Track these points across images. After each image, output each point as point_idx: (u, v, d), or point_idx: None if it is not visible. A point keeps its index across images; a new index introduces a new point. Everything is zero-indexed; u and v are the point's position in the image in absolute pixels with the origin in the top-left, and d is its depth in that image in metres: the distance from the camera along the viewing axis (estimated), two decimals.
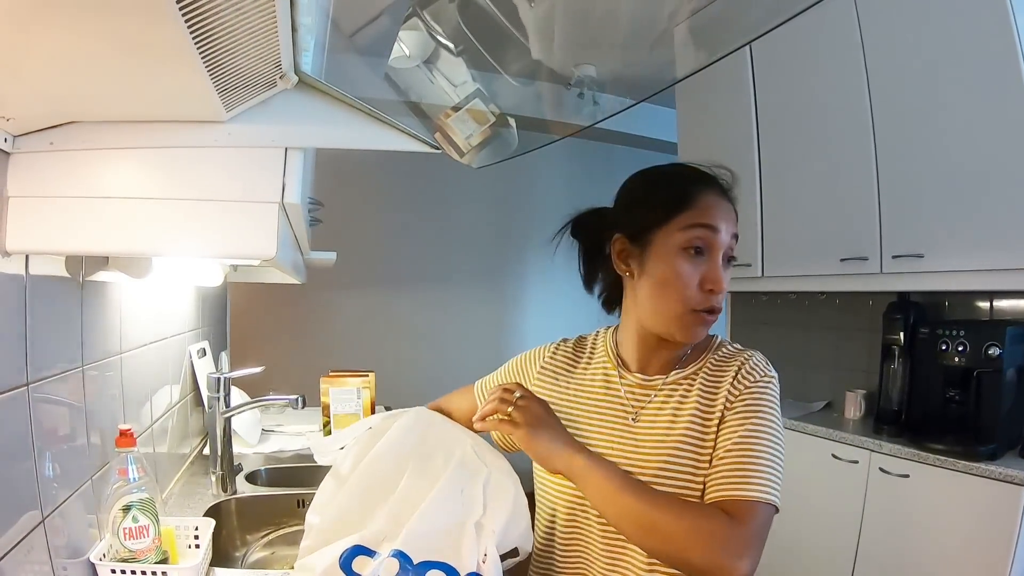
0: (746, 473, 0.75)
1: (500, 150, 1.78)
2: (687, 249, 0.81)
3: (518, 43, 1.32)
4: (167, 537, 0.98)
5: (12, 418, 0.72)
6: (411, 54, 1.74)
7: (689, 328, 0.82)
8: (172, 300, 1.55)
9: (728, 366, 0.85)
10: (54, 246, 0.71)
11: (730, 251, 0.84)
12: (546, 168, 4.04)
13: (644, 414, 0.87)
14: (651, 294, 0.84)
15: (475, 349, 3.97)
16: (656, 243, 0.83)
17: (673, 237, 0.82)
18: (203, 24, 0.48)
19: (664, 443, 0.82)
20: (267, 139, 0.70)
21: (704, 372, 0.86)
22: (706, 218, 0.81)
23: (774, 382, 0.83)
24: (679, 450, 0.81)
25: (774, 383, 0.83)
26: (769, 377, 0.83)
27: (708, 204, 0.82)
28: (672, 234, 0.82)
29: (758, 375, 0.82)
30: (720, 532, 0.71)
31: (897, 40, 1.99)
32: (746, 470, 0.76)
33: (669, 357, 0.88)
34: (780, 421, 0.81)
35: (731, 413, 0.80)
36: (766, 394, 0.81)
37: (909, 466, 1.84)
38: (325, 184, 2.12)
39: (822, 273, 2.24)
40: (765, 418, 0.79)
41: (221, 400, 1.45)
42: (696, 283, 0.81)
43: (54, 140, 0.67)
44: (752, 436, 0.78)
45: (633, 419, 0.87)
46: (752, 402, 0.80)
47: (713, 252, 0.81)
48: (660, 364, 0.89)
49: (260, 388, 2.01)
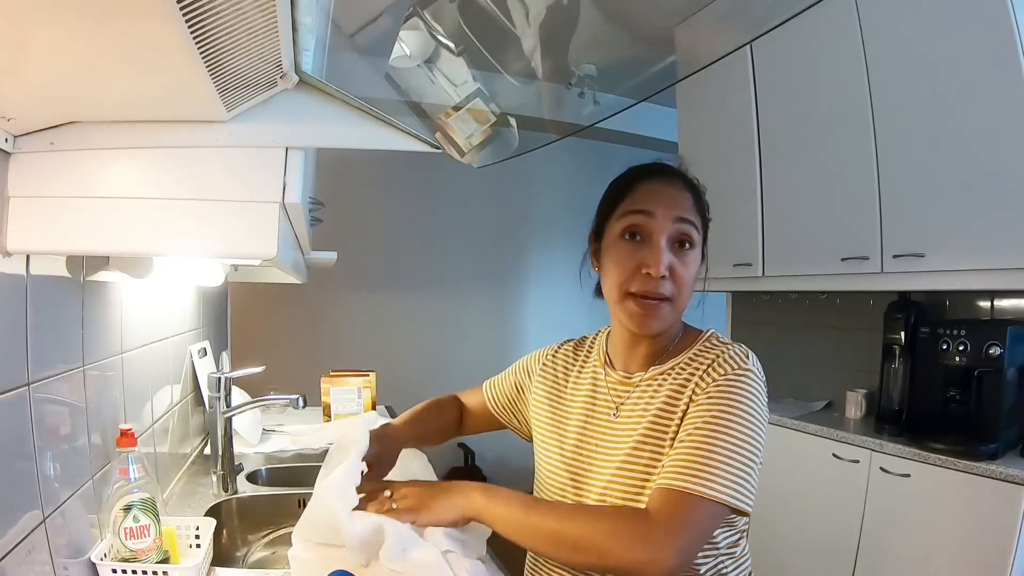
0: (692, 465, 0.73)
1: (501, 150, 1.78)
2: (623, 235, 0.84)
3: (519, 43, 1.32)
4: (168, 537, 0.98)
5: (13, 418, 0.72)
6: (412, 54, 1.74)
7: (633, 315, 0.82)
8: (173, 300, 1.55)
9: (704, 360, 0.83)
10: (55, 246, 0.71)
11: (681, 236, 0.83)
12: (546, 168, 4.03)
13: (623, 409, 0.88)
14: (604, 285, 0.88)
15: (475, 348, 3.97)
16: (605, 236, 0.88)
17: (614, 227, 0.86)
18: (204, 24, 0.48)
19: (641, 435, 0.83)
20: (268, 139, 0.70)
21: (680, 366, 0.85)
22: (639, 204, 0.83)
23: (750, 375, 0.79)
24: (640, 443, 0.82)
25: (750, 376, 0.79)
26: (743, 370, 0.79)
27: (644, 191, 0.85)
28: (613, 225, 0.86)
29: (731, 367, 0.79)
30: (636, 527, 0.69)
31: (898, 39, 1.98)
32: (694, 462, 0.73)
33: (648, 352, 0.89)
34: (756, 417, 0.76)
35: (695, 406, 0.79)
36: (737, 387, 0.77)
37: (910, 466, 1.84)
38: (326, 184, 2.12)
39: (823, 273, 2.24)
40: (731, 411, 0.76)
41: (222, 400, 1.45)
42: (632, 267, 0.82)
43: (55, 140, 0.67)
44: (710, 428, 0.75)
45: (615, 414, 0.88)
46: (718, 395, 0.77)
47: (650, 236, 0.82)
48: (640, 360, 0.89)
49: (261, 388, 2.01)
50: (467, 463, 3.78)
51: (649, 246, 0.82)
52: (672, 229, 0.82)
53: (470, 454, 3.81)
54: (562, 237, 4.21)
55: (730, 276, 2.63)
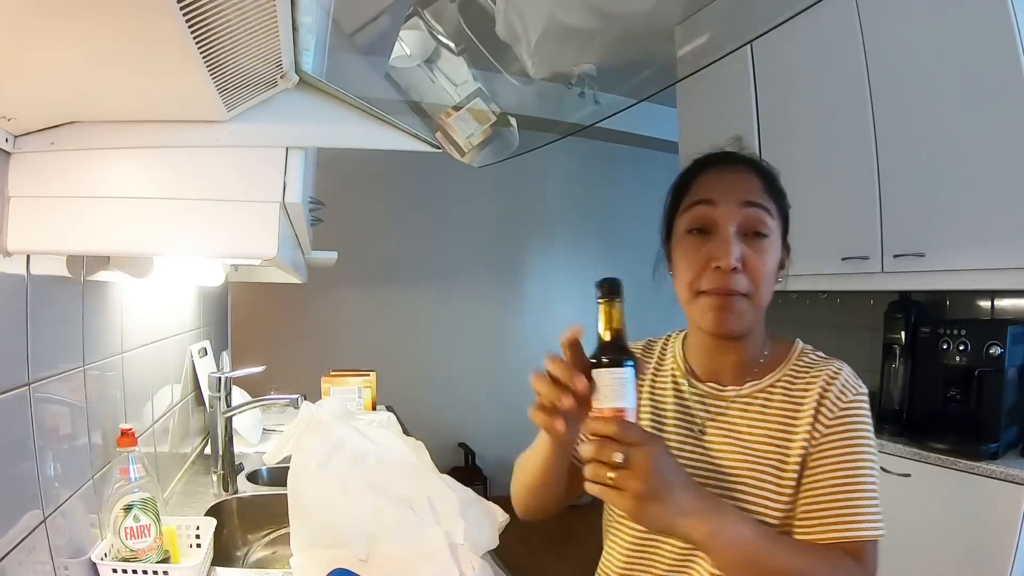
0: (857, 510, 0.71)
1: (501, 149, 1.78)
2: (689, 231, 0.77)
3: (519, 43, 1.32)
4: (168, 536, 0.98)
5: (14, 418, 0.72)
6: (412, 53, 1.74)
7: (706, 313, 0.75)
8: (173, 300, 1.55)
9: (812, 378, 0.77)
10: (55, 246, 0.71)
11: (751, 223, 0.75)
12: (547, 168, 4.03)
13: (714, 427, 0.79)
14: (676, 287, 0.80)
15: (476, 348, 3.97)
16: (673, 236, 0.82)
17: (679, 224, 0.80)
18: (204, 23, 0.48)
19: (740, 461, 0.76)
20: (268, 139, 0.70)
21: (784, 384, 0.78)
22: (701, 194, 0.77)
23: (866, 399, 0.76)
24: (758, 469, 0.75)
25: (867, 400, 0.76)
26: (862, 394, 0.76)
27: (706, 180, 0.79)
28: (679, 222, 0.80)
29: (852, 393, 0.75)
30: None
31: (898, 39, 1.98)
32: (856, 506, 0.71)
33: (737, 362, 0.80)
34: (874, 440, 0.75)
35: (827, 439, 0.73)
36: (861, 414, 0.74)
37: (910, 465, 1.84)
38: (326, 184, 2.12)
39: (823, 272, 2.24)
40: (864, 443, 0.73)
41: (222, 399, 1.45)
42: (699, 264, 0.75)
43: (55, 140, 0.67)
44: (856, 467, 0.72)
45: (701, 431, 0.80)
46: (850, 425, 0.73)
47: (717, 227, 0.75)
48: (732, 372, 0.81)
49: (261, 387, 2.01)
50: (467, 463, 3.78)
51: (716, 238, 0.75)
52: (740, 216, 0.75)
53: (471, 454, 3.81)
54: (563, 237, 4.21)
55: None
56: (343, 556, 0.78)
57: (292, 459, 0.97)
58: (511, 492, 0.89)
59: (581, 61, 1.34)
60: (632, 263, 4.37)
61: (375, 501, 0.86)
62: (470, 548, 0.78)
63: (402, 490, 0.90)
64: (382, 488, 0.90)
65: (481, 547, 0.81)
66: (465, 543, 0.79)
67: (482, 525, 0.84)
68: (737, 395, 0.79)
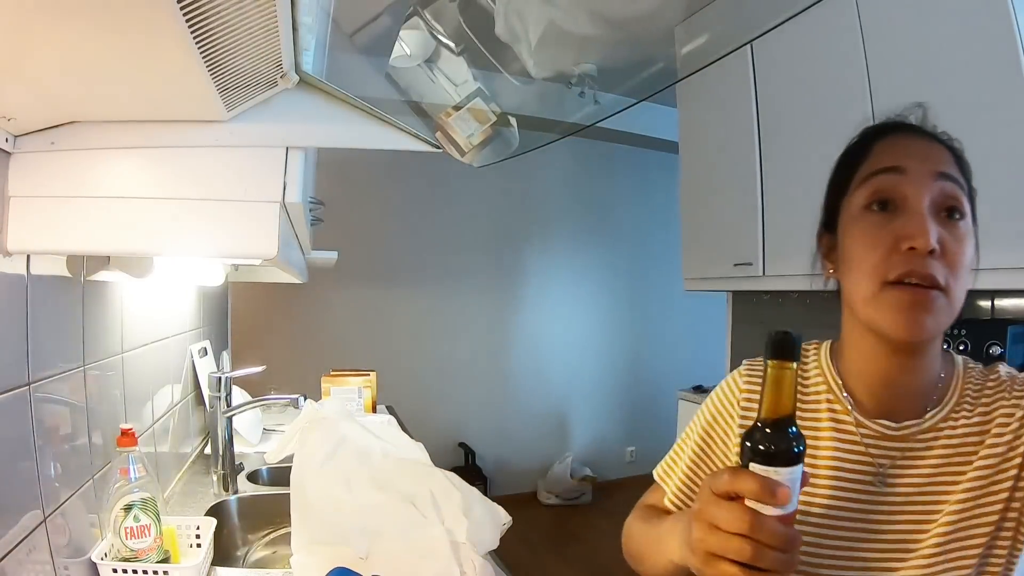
0: None
1: (501, 149, 1.78)
2: (868, 207, 0.61)
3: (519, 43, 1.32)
4: (168, 536, 0.98)
5: (14, 418, 0.72)
6: (412, 53, 1.74)
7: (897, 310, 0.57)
8: (173, 300, 1.55)
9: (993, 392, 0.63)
10: (55, 246, 0.71)
11: (947, 200, 0.59)
12: (547, 167, 4.04)
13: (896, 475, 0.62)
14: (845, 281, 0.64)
15: (476, 348, 3.98)
16: (843, 219, 0.66)
17: (853, 201, 0.64)
18: (204, 23, 0.48)
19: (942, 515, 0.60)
20: (268, 139, 0.70)
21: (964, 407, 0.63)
22: (885, 161, 0.62)
23: None
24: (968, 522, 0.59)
25: None
26: None
27: (887, 146, 0.64)
28: (852, 199, 0.64)
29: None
30: None
31: (898, 39, 1.98)
32: None
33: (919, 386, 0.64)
34: None
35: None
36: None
37: None
38: (326, 183, 2.12)
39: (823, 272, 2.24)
40: None
41: (222, 399, 1.45)
42: (887, 245, 0.58)
43: (55, 140, 0.67)
44: None
45: (882, 481, 0.62)
46: None
47: (906, 200, 0.59)
48: (911, 398, 0.64)
49: (261, 387, 2.01)
50: (467, 463, 3.78)
51: (906, 213, 0.59)
52: (935, 189, 0.59)
53: (471, 454, 3.81)
54: (562, 237, 4.21)
55: (730, 276, 2.63)
56: (344, 554, 0.78)
57: (296, 455, 0.97)
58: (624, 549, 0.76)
59: (581, 61, 1.34)
60: (632, 263, 4.40)
61: (378, 497, 0.86)
62: (472, 547, 0.78)
63: (406, 486, 0.90)
64: (386, 484, 0.90)
65: (483, 546, 0.81)
66: (467, 542, 0.79)
67: (485, 525, 0.84)
68: (918, 431, 0.63)
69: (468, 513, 0.86)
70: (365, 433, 1.06)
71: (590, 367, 4.33)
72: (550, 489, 3.97)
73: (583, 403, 4.32)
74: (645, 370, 4.44)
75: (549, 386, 4.19)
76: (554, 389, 4.21)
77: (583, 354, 4.31)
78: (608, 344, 4.38)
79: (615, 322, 4.40)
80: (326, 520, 0.83)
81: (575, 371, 4.28)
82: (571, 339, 4.26)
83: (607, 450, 4.35)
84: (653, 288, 4.39)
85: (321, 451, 0.95)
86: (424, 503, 0.86)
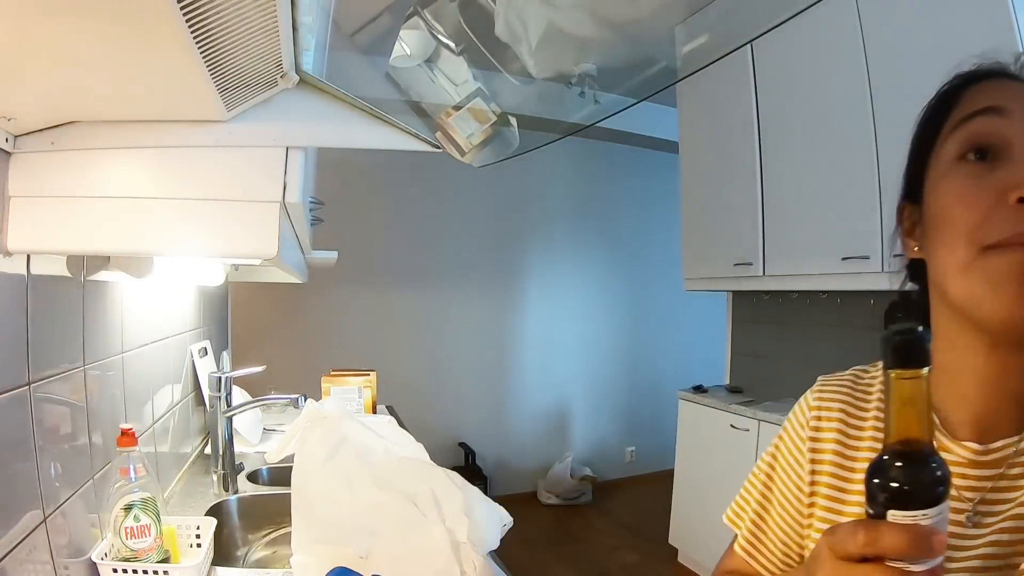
0: None
1: (501, 149, 1.78)
2: (963, 157, 0.50)
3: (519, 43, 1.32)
4: (169, 536, 0.98)
5: (14, 418, 0.72)
6: (412, 53, 1.74)
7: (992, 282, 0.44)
8: (173, 299, 1.55)
9: None
10: (55, 246, 0.71)
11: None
12: (547, 167, 4.04)
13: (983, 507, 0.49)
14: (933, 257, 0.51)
15: (476, 348, 3.98)
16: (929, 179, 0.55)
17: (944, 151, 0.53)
18: (204, 23, 0.48)
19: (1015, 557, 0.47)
20: (268, 138, 0.70)
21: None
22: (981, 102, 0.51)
23: None
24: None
25: None
26: None
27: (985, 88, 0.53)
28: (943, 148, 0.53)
29: None
30: None
31: (898, 38, 1.98)
32: None
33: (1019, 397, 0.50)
34: None
35: None
36: None
37: None
38: (326, 183, 2.12)
39: (823, 272, 2.24)
40: None
41: (222, 399, 1.45)
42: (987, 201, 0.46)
43: (55, 140, 0.67)
44: None
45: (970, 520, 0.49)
46: None
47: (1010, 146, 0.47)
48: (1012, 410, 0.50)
49: (261, 387, 2.02)
50: (467, 462, 3.78)
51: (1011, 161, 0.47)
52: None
53: (471, 454, 3.81)
54: (563, 237, 4.21)
55: (730, 275, 2.63)
56: (344, 554, 0.78)
57: (297, 453, 0.97)
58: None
59: (582, 61, 1.34)
60: (632, 263, 4.41)
61: (379, 496, 0.86)
62: (472, 547, 0.78)
63: (407, 485, 0.90)
64: (387, 483, 0.89)
65: (484, 546, 0.81)
66: (468, 541, 0.79)
67: (486, 524, 0.84)
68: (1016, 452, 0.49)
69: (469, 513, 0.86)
70: (366, 432, 1.06)
71: (590, 367, 4.33)
72: (550, 489, 3.97)
73: (583, 403, 4.32)
74: (645, 370, 4.44)
75: (549, 386, 4.19)
76: (554, 389, 4.21)
77: (583, 353, 4.31)
78: (608, 344, 4.39)
79: (615, 322, 4.40)
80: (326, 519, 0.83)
81: (575, 371, 4.28)
82: (571, 338, 4.26)
83: (607, 450, 4.35)
84: (653, 288, 4.39)
85: (322, 450, 0.95)
86: (425, 502, 0.86)
